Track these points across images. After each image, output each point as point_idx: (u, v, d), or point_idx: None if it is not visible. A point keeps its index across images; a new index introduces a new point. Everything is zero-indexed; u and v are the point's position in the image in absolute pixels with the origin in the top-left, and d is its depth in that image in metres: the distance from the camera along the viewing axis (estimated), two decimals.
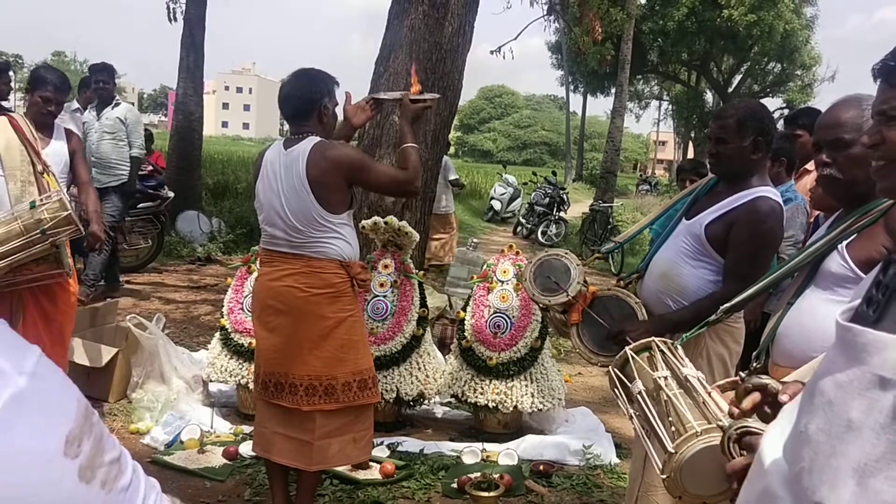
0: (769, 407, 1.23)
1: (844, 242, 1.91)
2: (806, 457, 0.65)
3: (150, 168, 8.54)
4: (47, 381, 0.49)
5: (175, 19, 10.75)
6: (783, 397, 1.16)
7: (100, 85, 6.56)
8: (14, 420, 0.46)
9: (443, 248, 8.63)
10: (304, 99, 2.91)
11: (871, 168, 1.42)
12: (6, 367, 0.47)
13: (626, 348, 1.80)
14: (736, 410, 1.24)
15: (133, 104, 8.25)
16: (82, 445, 0.49)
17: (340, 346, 2.89)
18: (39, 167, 3.30)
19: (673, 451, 1.48)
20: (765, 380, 1.24)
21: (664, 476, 1.50)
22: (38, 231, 3.02)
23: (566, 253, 2.78)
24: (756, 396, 1.24)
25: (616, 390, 1.82)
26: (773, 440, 0.75)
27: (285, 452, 2.93)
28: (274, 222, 2.85)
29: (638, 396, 1.68)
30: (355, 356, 2.93)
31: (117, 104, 6.61)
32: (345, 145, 3.03)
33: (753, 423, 1.19)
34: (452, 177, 9.05)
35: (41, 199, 3.08)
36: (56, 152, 4.06)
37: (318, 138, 2.87)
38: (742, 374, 1.32)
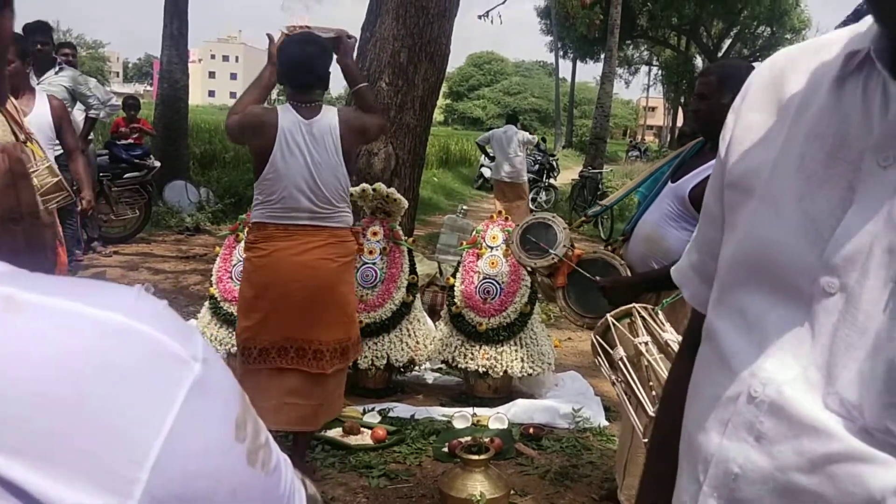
0: None
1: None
2: None
3: (136, 136, 8.43)
4: (215, 365, 0.46)
5: None
6: None
7: (38, 47, 5.62)
8: (198, 408, 0.44)
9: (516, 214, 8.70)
10: (324, 67, 2.86)
11: None
12: (182, 354, 0.44)
13: (608, 315, 1.82)
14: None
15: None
16: (247, 429, 0.47)
17: (354, 308, 3.11)
18: (22, 136, 3.26)
19: (654, 414, 1.51)
20: None
21: (646, 440, 1.54)
22: None
23: (553, 217, 2.79)
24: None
25: (598, 358, 1.84)
26: (801, 394, 0.65)
27: (293, 421, 2.97)
28: (297, 196, 2.79)
29: (619, 363, 1.70)
30: (356, 315, 3.18)
31: (61, 68, 6.02)
32: (351, 109, 3.05)
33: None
34: None
35: (30, 167, 3.05)
36: (38, 118, 4.00)
37: (334, 107, 2.90)
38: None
